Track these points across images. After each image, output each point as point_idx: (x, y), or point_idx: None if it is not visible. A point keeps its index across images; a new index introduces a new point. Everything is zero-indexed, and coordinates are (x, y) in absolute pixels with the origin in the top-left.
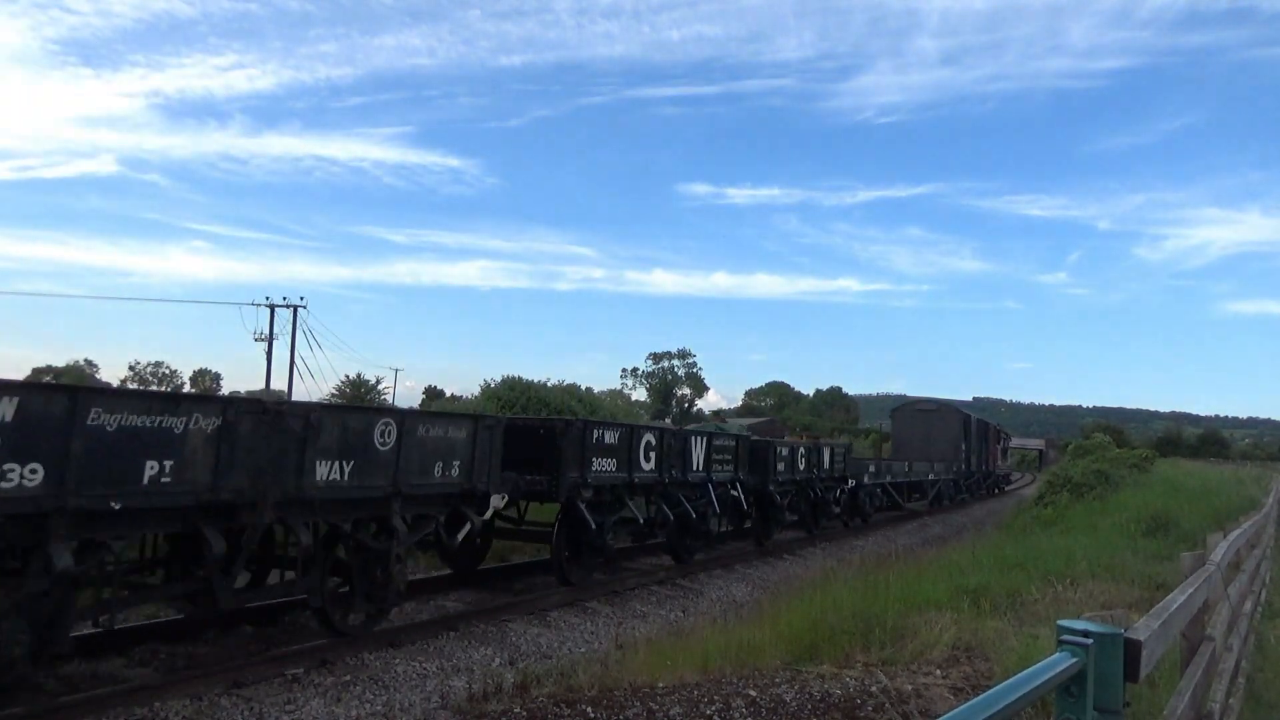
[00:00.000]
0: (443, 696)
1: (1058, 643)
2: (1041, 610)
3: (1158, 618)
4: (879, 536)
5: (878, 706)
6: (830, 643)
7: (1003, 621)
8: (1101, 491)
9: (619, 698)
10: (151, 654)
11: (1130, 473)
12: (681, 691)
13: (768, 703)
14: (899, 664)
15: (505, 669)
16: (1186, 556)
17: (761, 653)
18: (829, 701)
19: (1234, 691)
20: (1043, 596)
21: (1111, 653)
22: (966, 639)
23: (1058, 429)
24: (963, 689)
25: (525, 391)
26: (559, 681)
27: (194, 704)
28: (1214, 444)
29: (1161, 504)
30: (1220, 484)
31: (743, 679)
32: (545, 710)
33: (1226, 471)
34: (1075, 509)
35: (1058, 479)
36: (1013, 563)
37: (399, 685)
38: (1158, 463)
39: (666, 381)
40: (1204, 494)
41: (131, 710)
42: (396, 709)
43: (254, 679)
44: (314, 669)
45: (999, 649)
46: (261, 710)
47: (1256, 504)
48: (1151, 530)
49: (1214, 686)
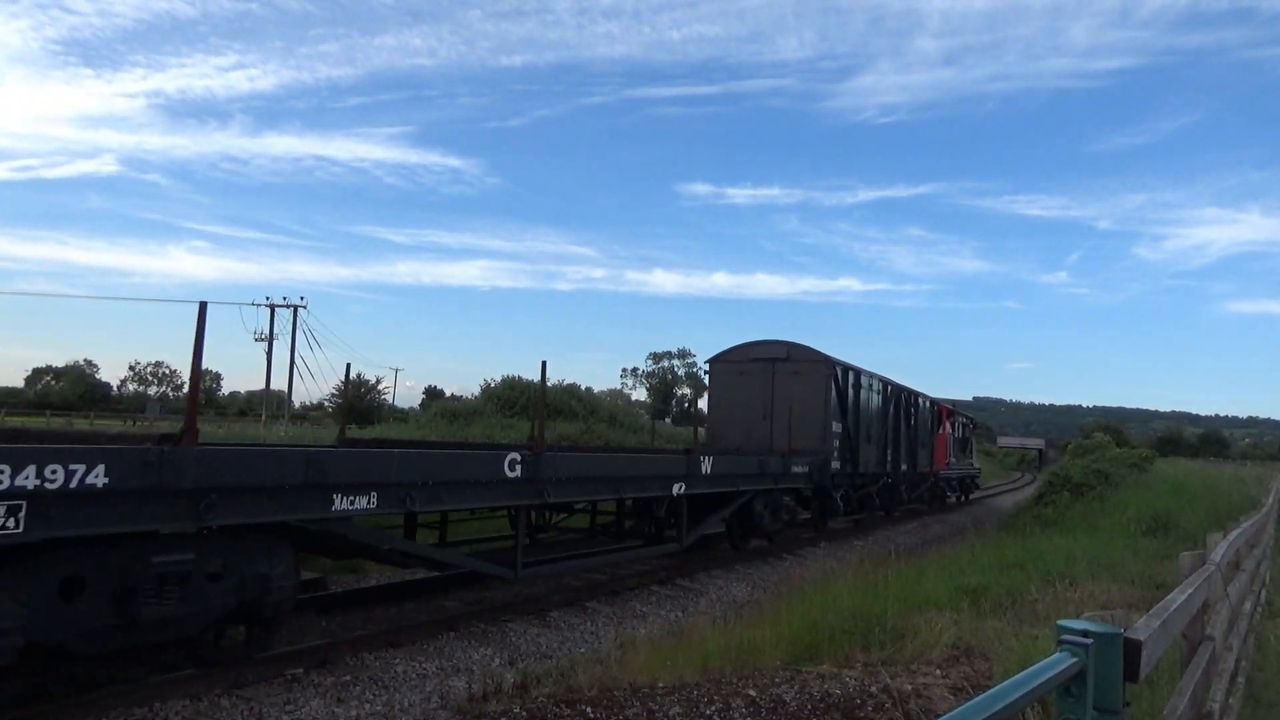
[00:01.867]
0: (443, 696)
1: (1057, 643)
2: (1041, 610)
3: (1158, 618)
4: (878, 536)
5: (878, 706)
6: (830, 642)
7: (1003, 621)
8: (1101, 491)
9: (619, 698)
10: (151, 654)
11: (1130, 472)
12: (681, 691)
13: (768, 702)
14: (899, 664)
15: (505, 669)
16: (1186, 556)
17: (761, 653)
18: (829, 701)
19: (1234, 691)
20: (1043, 596)
21: (1111, 653)
22: (966, 639)
23: (1058, 429)
24: (963, 689)
25: (525, 391)
26: (559, 681)
27: (194, 704)
28: (1214, 444)
29: (1161, 504)
30: (1220, 484)
31: (743, 679)
32: (545, 710)
33: (1226, 471)
34: (1075, 509)
35: (1058, 479)
36: (1013, 563)
37: (399, 685)
38: (1158, 462)
39: (666, 381)
40: (1204, 494)
41: (131, 710)
42: (396, 709)
43: (254, 679)
44: (314, 669)
45: (999, 649)
46: (261, 710)
47: (1256, 504)
48: (1151, 530)
49: (1214, 686)
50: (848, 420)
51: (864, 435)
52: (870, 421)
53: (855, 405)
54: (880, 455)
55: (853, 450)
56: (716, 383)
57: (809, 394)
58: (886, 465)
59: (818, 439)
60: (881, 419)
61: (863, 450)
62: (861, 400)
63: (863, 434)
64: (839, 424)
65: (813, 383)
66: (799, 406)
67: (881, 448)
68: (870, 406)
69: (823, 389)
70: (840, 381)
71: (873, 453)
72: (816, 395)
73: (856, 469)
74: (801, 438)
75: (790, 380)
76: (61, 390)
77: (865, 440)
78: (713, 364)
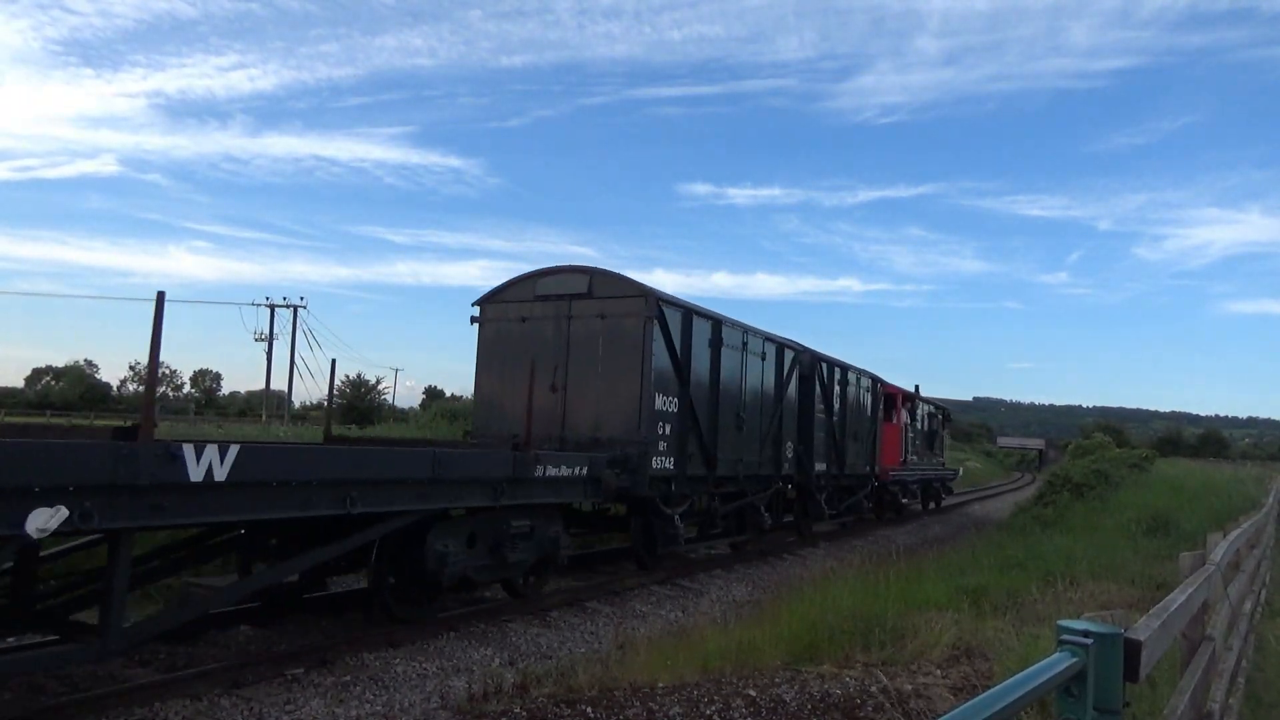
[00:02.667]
0: (443, 696)
1: (1058, 643)
2: (1041, 610)
3: (1158, 618)
4: (877, 537)
5: (878, 706)
6: (830, 643)
7: (1003, 621)
8: (1102, 491)
9: (619, 698)
10: (151, 654)
11: (1130, 473)
12: (681, 691)
13: (768, 703)
14: (899, 664)
15: (505, 669)
16: (1186, 556)
17: (761, 652)
18: (829, 701)
19: (1234, 691)
20: (1043, 596)
21: (1111, 653)
22: (966, 639)
23: (1058, 429)
24: (963, 689)
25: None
26: (559, 681)
27: (194, 704)
28: (1214, 444)
29: (1161, 504)
30: (1220, 484)
31: (743, 679)
32: (545, 710)
33: (1226, 471)
34: (1075, 509)
35: (1058, 479)
36: (1013, 563)
37: (399, 685)
38: (1158, 462)
39: None
40: (1204, 494)
41: (131, 710)
42: (396, 709)
43: (254, 679)
44: (314, 669)
45: (999, 649)
46: (261, 710)
47: (1256, 504)
48: (1151, 530)
49: (1214, 686)
50: (692, 391)
51: (730, 417)
52: (742, 397)
53: (711, 370)
54: (767, 450)
55: (704, 440)
56: (489, 335)
57: (620, 349)
58: (782, 465)
59: (628, 421)
60: (772, 397)
61: (727, 440)
62: (725, 364)
63: (727, 415)
64: (672, 398)
65: (626, 331)
66: (604, 368)
67: (769, 438)
68: (743, 375)
69: (641, 340)
70: (673, 329)
71: (748, 445)
72: (631, 350)
73: (714, 470)
74: (608, 419)
75: (592, 328)
76: (61, 390)
77: (732, 426)
78: (484, 306)
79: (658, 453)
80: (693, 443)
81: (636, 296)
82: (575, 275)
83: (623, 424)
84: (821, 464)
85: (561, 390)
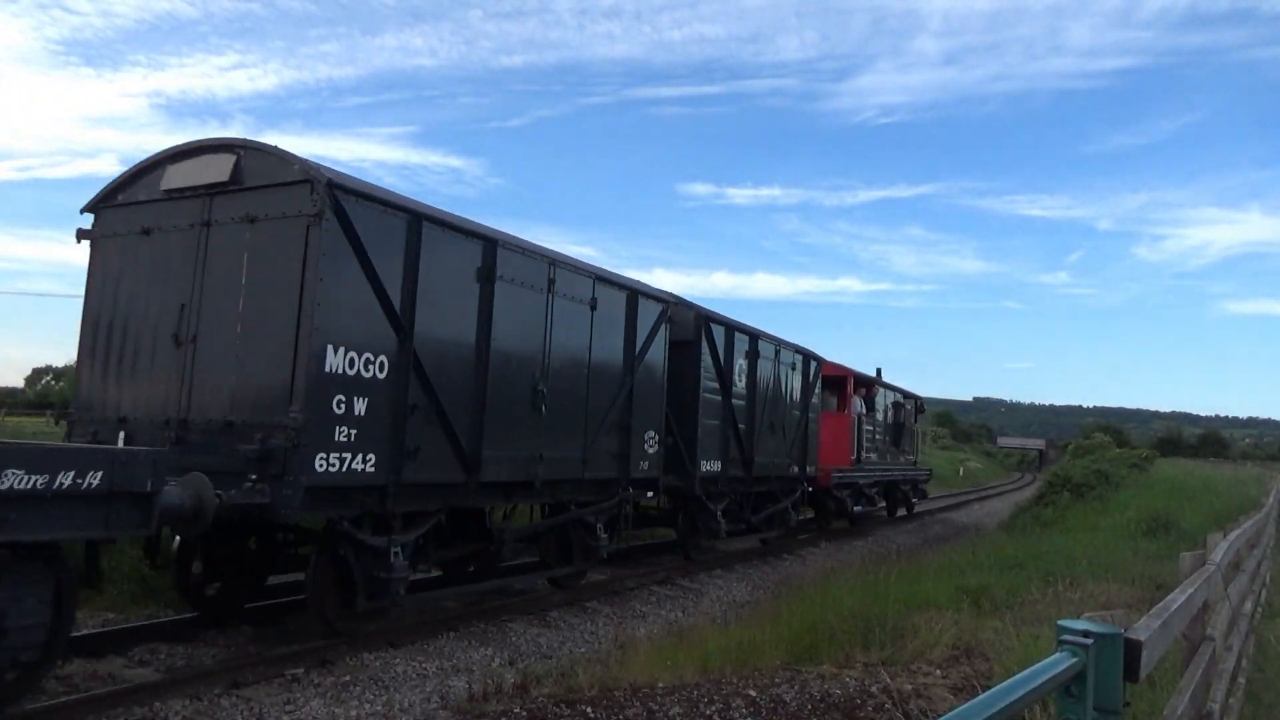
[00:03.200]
0: (443, 696)
1: (1058, 643)
2: (1042, 610)
3: (1158, 618)
4: (878, 537)
5: (878, 706)
6: (830, 643)
7: (1003, 621)
8: (1102, 491)
9: (619, 698)
10: (151, 654)
11: (1130, 473)
12: (681, 691)
13: (768, 703)
14: (899, 664)
15: (505, 669)
16: (1186, 556)
17: (761, 653)
18: (829, 701)
19: (1234, 691)
20: (1043, 596)
21: (1111, 653)
22: (966, 639)
23: (1058, 429)
24: (963, 689)
25: None
26: (559, 681)
27: (194, 704)
28: (1214, 444)
29: (1161, 504)
30: (1220, 484)
31: (743, 679)
32: (545, 710)
33: (1226, 471)
34: (1075, 509)
35: (1058, 479)
36: (1013, 563)
37: (399, 685)
38: (1158, 463)
39: None
40: (1204, 494)
41: (131, 710)
42: (396, 709)
43: (254, 679)
44: (314, 669)
45: (999, 649)
46: (261, 710)
47: (1256, 504)
48: (1151, 530)
49: (1214, 686)
50: (417, 345)
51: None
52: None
53: (483, 310)
54: (603, 444)
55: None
56: (102, 260)
57: (272, 274)
58: (634, 464)
59: (274, 394)
60: (618, 367)
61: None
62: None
63: (518, 384)
64: (374, 355)
65: (283, 241)
66: (247, 307)
67: (607, 427)
68: (547, 329)
69: (302, 258)
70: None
71: (569, 436)
72: (285, 275)
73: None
74: (246, 391)
75: (238, 239)
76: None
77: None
78: (97, 214)
79: (335, 445)
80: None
81: (298, 183)
82: (217, 156)
83: (266, 398)
84: (713, 463)
85: (189, 344)
